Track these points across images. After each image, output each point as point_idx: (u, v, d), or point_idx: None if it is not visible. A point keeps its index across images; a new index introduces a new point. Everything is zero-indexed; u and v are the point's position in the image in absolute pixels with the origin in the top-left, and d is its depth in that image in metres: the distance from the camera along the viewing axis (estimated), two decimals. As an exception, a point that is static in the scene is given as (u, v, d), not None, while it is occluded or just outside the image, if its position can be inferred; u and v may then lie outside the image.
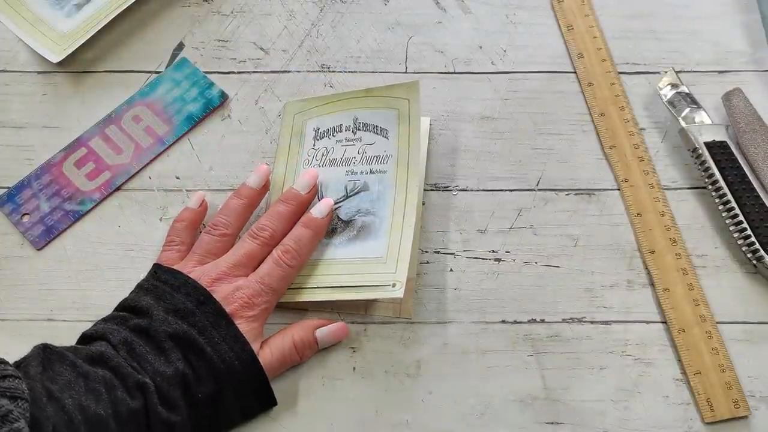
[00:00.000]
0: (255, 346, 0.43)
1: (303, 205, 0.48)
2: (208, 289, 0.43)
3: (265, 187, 0.49)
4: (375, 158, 0.49)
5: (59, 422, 0.36)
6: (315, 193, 0.48)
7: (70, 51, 0.54)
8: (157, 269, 0.45)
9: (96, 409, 0.37)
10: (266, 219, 0.46)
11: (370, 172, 0.49)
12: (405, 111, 0.49)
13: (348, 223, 0.48)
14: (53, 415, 0.36)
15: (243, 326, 0.43)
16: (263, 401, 0.43)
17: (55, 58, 0.53)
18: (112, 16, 0.54)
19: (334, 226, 0.48)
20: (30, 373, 0.37)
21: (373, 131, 0.50)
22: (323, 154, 0.50)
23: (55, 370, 0.38)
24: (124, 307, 0.44)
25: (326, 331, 0.45)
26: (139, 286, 0.45)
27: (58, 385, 0.38)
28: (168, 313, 0.42)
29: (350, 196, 0.49)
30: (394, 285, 0.45)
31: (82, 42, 0.54)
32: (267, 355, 0.44)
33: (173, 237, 0.47)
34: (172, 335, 0.41)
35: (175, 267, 0.45)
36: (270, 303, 0.45)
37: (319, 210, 0.47)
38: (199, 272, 0.44)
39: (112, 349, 0.41)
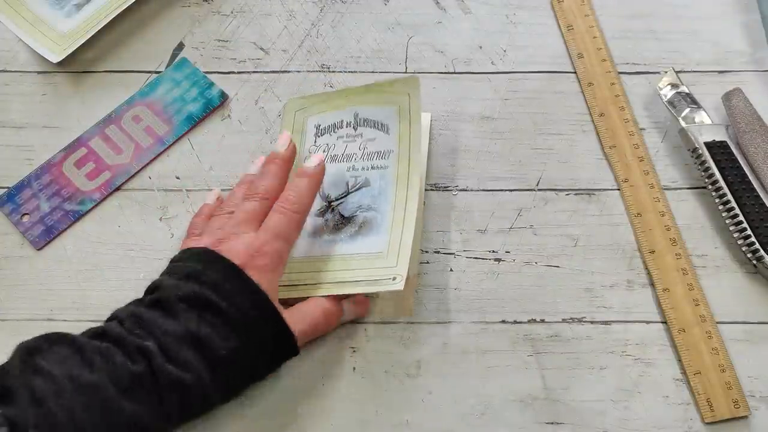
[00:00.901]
0: (272, 296, 0.42)
1: (287, 162, 0.47)
2: (215, 249, 0.42)
3: (292, 150, 0.48)
4: (376, 154, 0.49)
5: (46, 390, 0.35)
6: (294, 151, 0.48)
7: (70, 51, 0.54)
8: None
9: (90, 376, 0.36)
10: (255, 179, 0.46)
11: (372, 167, 0.49)
12: (405, 106, 0.49)
13: (349, 219, 0.48)
14: (39, 384, 0.35)
15: (256, 277, 0.42)
16: (287, 350, 0.43)
17: (55, 58, 0.53)
18: (112, 16, 0.54)
19: (336, 223, 0.48)
20: (11, 358, 0.37)
21: (374, 127, 0.50)
22: (324, 150, 0.50)
23: (53, 350, 0.38)
24: (144, 292, 0.43)
25: (351, 303, 0.46)
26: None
27: (48, 362, 0.37)
28: (179, 279, 0.41)
29: (351, 192, 0.49)
30: (394, 278, 0.45)
31: (82, 42, 0.54)
32: (297, 318, 0.43)
33: (193, 229, 0.47)
34: (182, 298, 0.40)
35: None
36: (281, 250, 0.44)
37: (310, 161, 0.47)
38: (206, 240, 0.44)
39: (118, 324, 0.40)
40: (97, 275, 0.49)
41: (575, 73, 0.54)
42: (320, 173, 0.47)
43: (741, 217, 0.47)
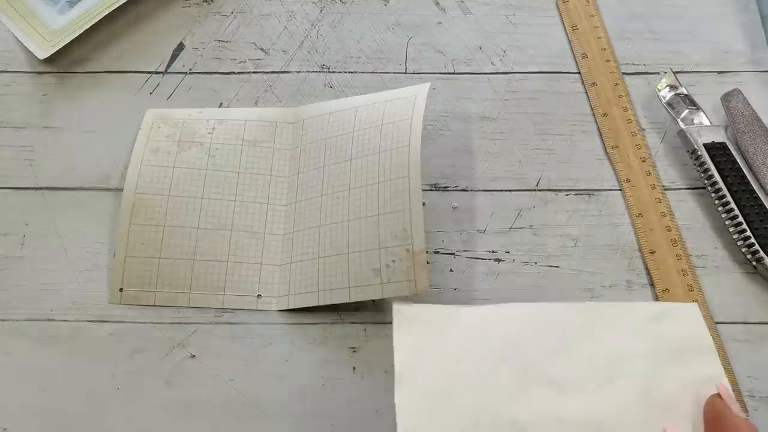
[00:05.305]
0: None
1: None
2: None
3: None
4: None
5: None
6: None
7: (58, 47, 0.53)
8: None
9: None
10: None
11: None
12: None
13: None
14: None
15: None
16: None
17: (42, 54, 0.53)
18: (102, 15, 0.54)
19: None
20: None
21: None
22: None
23: None
24: None
25: None
26: None
27: None
28: None
29: None
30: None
31: (71, 39, 0.53)
32: None
33: None
34: None
35: None
36: None
37: None
38: None
39: None
40: (97, 275, 0.49)
41: (579, 73, 0.54)
42: None
43: (740, 219, 0.47)
